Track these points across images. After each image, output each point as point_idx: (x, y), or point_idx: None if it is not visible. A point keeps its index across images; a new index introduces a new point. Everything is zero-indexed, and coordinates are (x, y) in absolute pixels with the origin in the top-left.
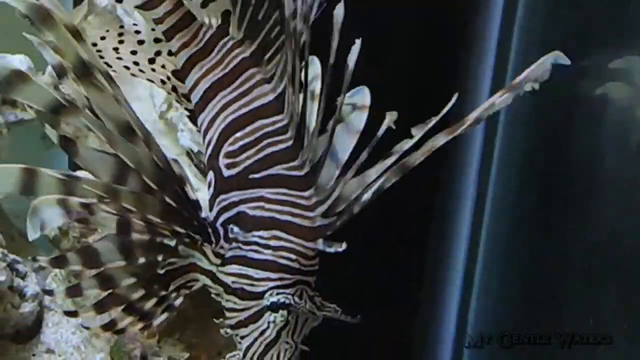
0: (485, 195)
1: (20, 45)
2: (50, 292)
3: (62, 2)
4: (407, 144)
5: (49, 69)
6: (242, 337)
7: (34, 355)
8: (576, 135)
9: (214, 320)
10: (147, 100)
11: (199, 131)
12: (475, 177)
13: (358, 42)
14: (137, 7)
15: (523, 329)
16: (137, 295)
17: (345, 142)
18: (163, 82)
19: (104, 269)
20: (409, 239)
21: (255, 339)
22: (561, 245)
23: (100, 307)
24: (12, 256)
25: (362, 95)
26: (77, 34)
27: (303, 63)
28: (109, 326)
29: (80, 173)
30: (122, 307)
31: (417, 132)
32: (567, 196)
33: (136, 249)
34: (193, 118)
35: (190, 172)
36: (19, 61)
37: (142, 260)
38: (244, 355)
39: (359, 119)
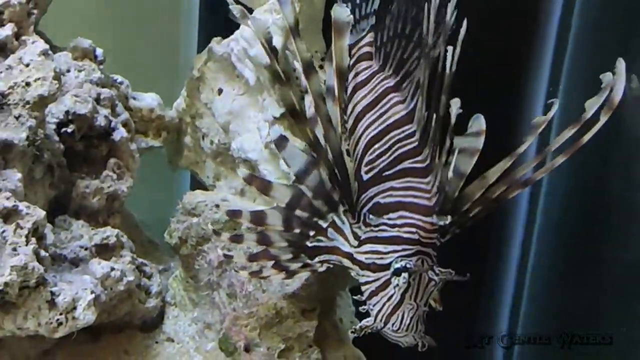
0: (534, 220)
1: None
2: (218, 233)
3: (187, 50)
4: (522, 148)
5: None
6: (374, 305)
7: (156, 342)
8: (614, 165)
9: (303, 318)
10: (255, 132)
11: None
12: (526, 201)
13: (453, 49)
14: None
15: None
16: (286, 256)
17: (466, 160)
18: None
19: (265, 229)
20: (470, 254)
21: (384, 304)
22: (600, 265)
23: (253, 257)
24: (140, 259)
25: (479, 122)
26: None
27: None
28: (256, 273)
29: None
30: (272, 262)
31: (529, 138)
32: (606, 221)
33: (295, 221)
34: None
35: None
36: (151, 99)
37: (297, 230)
38: (375, 319)
39: (478, 141)
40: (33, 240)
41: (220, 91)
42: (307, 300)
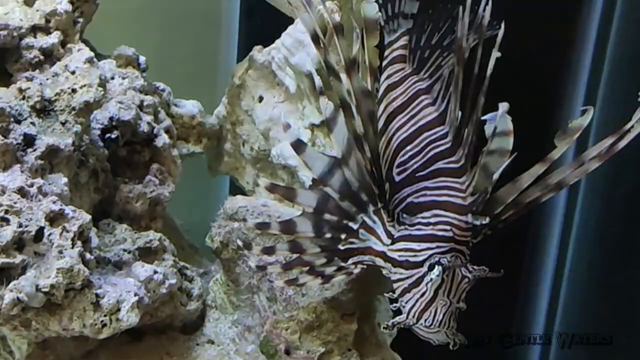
0: (572, 220)
1: None
2: (249, 246)
3: (226, 58)
4: (556, 153)
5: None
6: (406, 302)
7: (197, 344)
8: None
9: (342, 321)
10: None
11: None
12: (564, 204)
13: (497, 52)
14: None
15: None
16: (320, 262)
17: (496, 161)
18: None
19: (296, 237)
20: (507, 256)
21: (417, 300)
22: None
23: (287, 265)
24: (181, 263)
25: (505, 123)
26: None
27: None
28: (292, 281)
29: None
30: (307, 268)
31: (562, 145)
32: None
33: (326, 225)
34: None
35: None
36: (192, 106)
37: (328, 235)
38: (407, 316)
39: (507, 142)
40: (79, 243)
41: (260, 99)
42: (347, 305)
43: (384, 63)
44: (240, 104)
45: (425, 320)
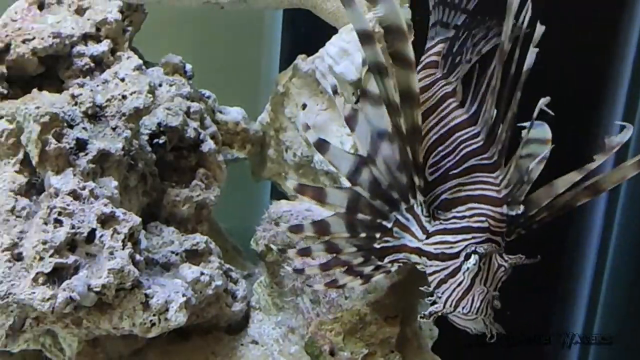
0: (612, 220)
1: None
2: (284, 250)
3: (268, 68)
4: (593, 165)
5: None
6: (442, 292)
7: (242, 344)
8: None
9: (385, 324)
10: (338, 145)
11: None
12: (604, 205)
13: (535, 49)
14: None
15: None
16: (357, 261)
17: (534, 166)
18: None
19: (331, 238)
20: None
21: (453, 290)
22: None
23: (325, 266)
24: (227, 265)
25: (543, 131)
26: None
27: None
28: (332, 283)
29: None
30: (344, 269)
31: (600, 157)
32: None
33: (359, 225)
34: None
35: None
36: (236, 113)
37: (362, 234)
38: (444, 305)
39: (545, 149)
40: (129, 244)
41: (304, 106)
42: (390, 307)
43: (418, 67)
44: (283, 111)
45: (463, 308)
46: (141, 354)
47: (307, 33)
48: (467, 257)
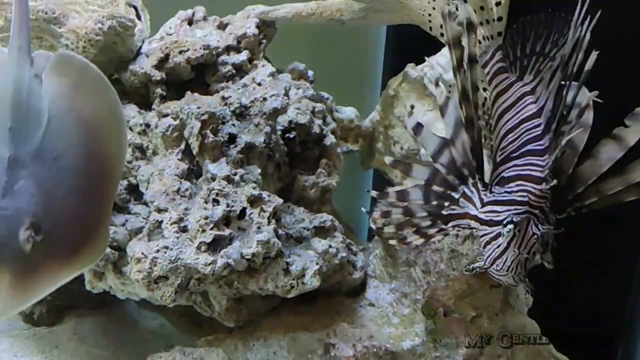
0: None
1: None
2: (382, 195)
3: (371, 75)
4: (629, 133)
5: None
6: (486, 252)
7: (360, 306)
8: None
9: (490, 291)
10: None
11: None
12: None
13: (595, 53)
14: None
15: None
16: (425, 224)
17: (579, 136)
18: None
19: (409, 204)
20: (617, 251)
21: (493, 250)
22: None
23: (400, 226)
24: (348, 240)
25: (584, 96)
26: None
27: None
28: (401, 239)
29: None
30: (414, 229)
31: (630, 121)
32: None
33: (433, 194)
34: None
35: None
36: (350, 112)
37: (434, 202)
38: (485, 262)
39: (588, 117)
40: (273, 221)
41: (412, 107)
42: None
43: (487, 78)
44: (393, 111)
45: (497, 266)
46: (276, 311)
47: (407, 43)
48: (506, 224)
